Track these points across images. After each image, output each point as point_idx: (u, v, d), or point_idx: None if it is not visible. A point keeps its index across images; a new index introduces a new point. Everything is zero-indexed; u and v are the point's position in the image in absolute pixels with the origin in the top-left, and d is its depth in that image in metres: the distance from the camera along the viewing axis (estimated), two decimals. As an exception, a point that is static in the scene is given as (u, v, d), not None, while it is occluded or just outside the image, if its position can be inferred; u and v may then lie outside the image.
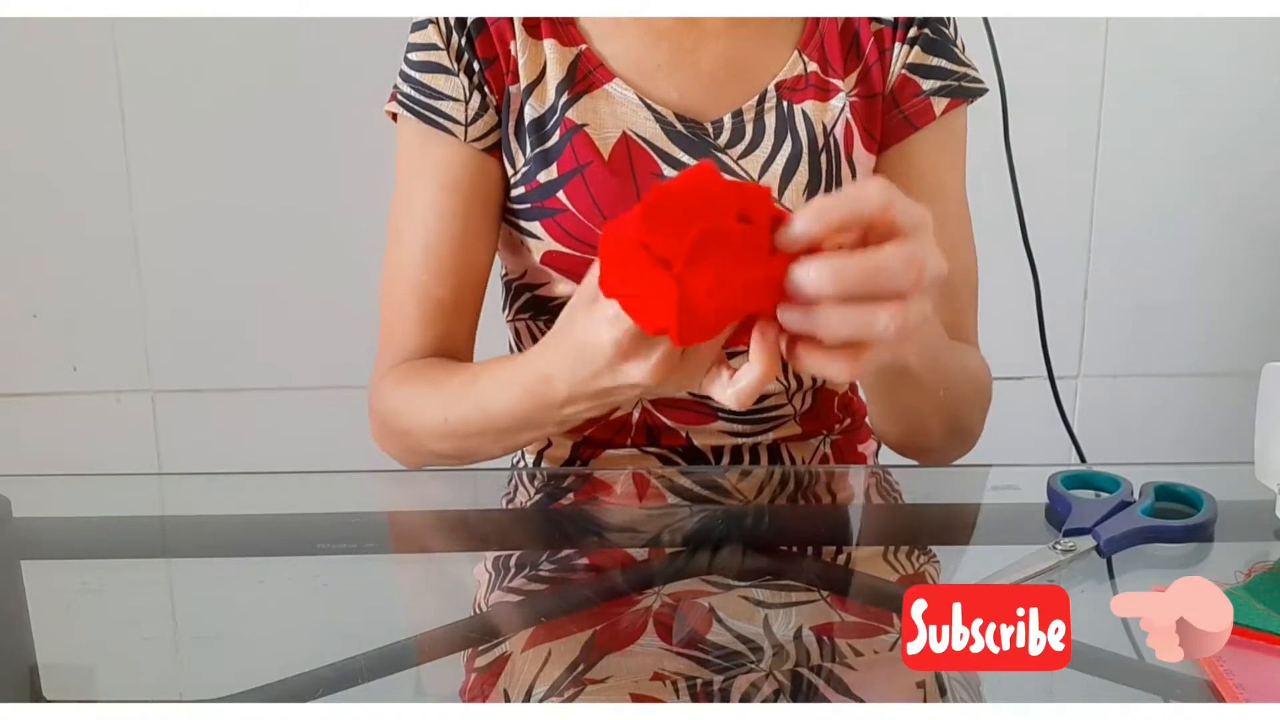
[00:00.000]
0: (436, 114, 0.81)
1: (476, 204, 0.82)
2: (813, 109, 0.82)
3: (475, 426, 0.74)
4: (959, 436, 0.82)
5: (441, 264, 0.82)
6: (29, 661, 0.59)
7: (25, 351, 1.48)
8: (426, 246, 0.82)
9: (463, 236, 0.82)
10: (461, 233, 0.82)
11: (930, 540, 0.72)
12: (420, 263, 0.82)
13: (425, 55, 0.81)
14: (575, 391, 0.63)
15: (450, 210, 0.81)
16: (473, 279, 0.84)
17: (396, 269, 0.83)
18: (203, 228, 1.45)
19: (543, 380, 0.65)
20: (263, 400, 1.50)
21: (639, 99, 0.80)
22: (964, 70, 0.84)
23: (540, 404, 0.67)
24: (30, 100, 1.40)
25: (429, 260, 0.82)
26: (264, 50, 1.40)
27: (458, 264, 0.82)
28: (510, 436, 0.74)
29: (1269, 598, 0.58)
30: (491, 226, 0.84)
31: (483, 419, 0.73)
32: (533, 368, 0.67)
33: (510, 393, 0.70)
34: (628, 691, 0.52)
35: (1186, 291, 1.55)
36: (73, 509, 0.78)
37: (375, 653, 0.57)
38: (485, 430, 0.74)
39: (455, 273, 0.82)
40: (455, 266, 0.82)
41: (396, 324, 0.83)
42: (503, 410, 0.71)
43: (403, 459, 0.83)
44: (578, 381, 0.62)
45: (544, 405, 0.67)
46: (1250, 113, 1.49)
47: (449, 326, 0.83)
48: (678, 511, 0.74)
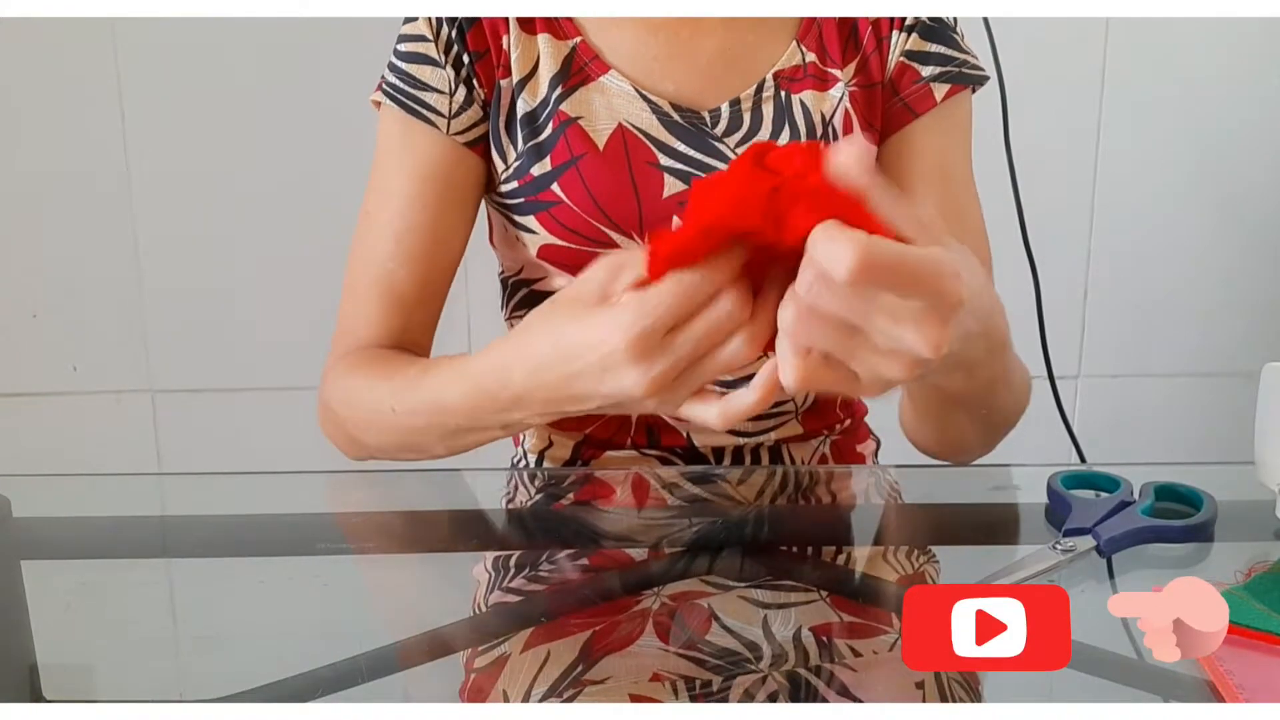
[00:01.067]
0: (419, 104, 0.80)
1: (452, 197, 0.82)
2: (811, 99, 0.82)
3: (420, 420, 0.72)
4: (992, 442, 0.81)
5: (410, 254, 0.81)
6: (29, 661, 0.59)
7: (25, 351, 1.48)
8: (397, 235, 0.81)
9: (435, 228, 0.81)
10: (434, 224, 0.81)
11: (930, 540, 0.72)
12: (389, 252, 0.81)
13: (413, 46, 0.81)
14: (533, 391, 0.61)
15: (424, 201, 0.81)
16: (439, 273, 0.83)
17: (363, 256, 0.83)
18: (203, 228, 1.45)
19: (499, 375, 0.63)
20: (263, 400, 1.50)
21: (635, 90, 0.80)
22: (964, 57, 0.84)
23: (488, 400, 0.65)
24: (30, 100, 1.40)
25: (398, 249, 0.81)
26: (264, 50, 1.40)
27: (427, 255, 0.81)
28: (457, 436, 0.71)
29: (1269, 598, 0.58)
30: (464, 221, 0.83)
31: (428, 412, 0.71)
32: (490, 362, 0.65)
33: (460, 386, 0.68)
34: (627, 692, 0.52)
35: (1186, 291, 1.55)
36: (73, 509, 0.78)
37: (375, 653, 0.57)
38: (430, 425, 0.72)
39: (423, 264, 0.81)
40: (424, 257, 0.81)
41: (356, 311, 0.82)
42: (450, 404, 0.69)
43: (345, 449, 0.82)
44: (544, 381, 0.60)
45: (492, 402, 0.65)
46: (1250, 113, 1.49)
47: (409, 318, 0.82)
48: (677, 512, 0.74)
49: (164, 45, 1.39)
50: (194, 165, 1.43)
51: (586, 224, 0.79)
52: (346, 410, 0.79)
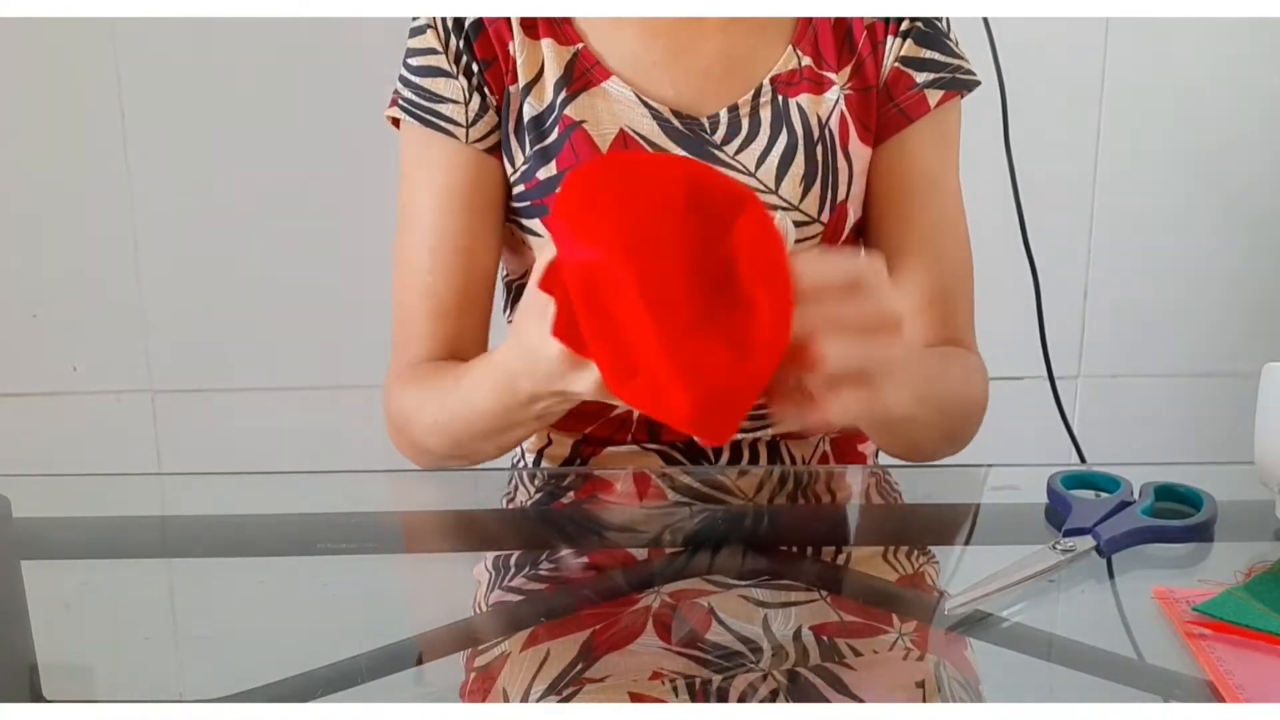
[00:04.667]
0: (438, 117, 0.81)
1: (479, 204, 0.83)
2: (807, 102, 0.82)
3: (461, 425, 0.75)
4: (954, 444, 0.83)
5: (446, 264, 0.82)
6: (29, 661, 0.59)
7: (25, 351, 1.48)
8: (432, 248, 0.82)
9: (467, 236, 0.82)
10: (465, 232, 0.82)
11: (930, 540, 0.72)
12: (426, 264, 0.82)
13: (425, 60, 0.81)
14: (538, 390, 0.63)
15: (453, 210, 0.82)
16: (479, 278, 0.84)
17: (404, 272, 0.84)
18: (203, 228, 1.45)
19: (509, 378, 0.66)
20: (263, 400, 1.50)
21: (636, 96, 0.81)
22: (957, 63, 0.84)
23: (511, 402, 0.67)
24: (30, 100, 1.40)
25: (434, 261, 0.82)
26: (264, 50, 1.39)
27: (463, 264, 0.82)
28: (496, 436, 0.74)
29: (1269, 598, 0.58)
30: (495, 226, 0.84)
31: (466, 418, 0.74)
32: (499, 366, 0.68)
33: (482, 390, 0.71)
34: (626, 691, 0.52)
35: (1186, 291, 1.55)
36: (73, 509, 0.78)
37: (375, 653, 0.57)
38: (471, 430, 0.74)
39: (461, 273, 0.83)
40: (461, 266, 0.82)
41: (407, 326, 0.84)
42: (481, 409, 0.72)
43: (414, 459, 0.84)
44: (538, 380, 0.62)
45: (514, 403, 0.67)
46: (1250, 113, 1.49)
47: (458, 326, 0.83)
48: (677, 511, 0.74)
49: (164, 45, 1.39)
50: (194, 165, 1.43)
51: None
52: (404, 423, 0.82)
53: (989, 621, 0.58)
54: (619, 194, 0.52)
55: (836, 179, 0.82)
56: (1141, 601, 0.60)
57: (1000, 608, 0.59)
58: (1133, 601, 0.62)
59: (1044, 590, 0.61)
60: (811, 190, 0.81)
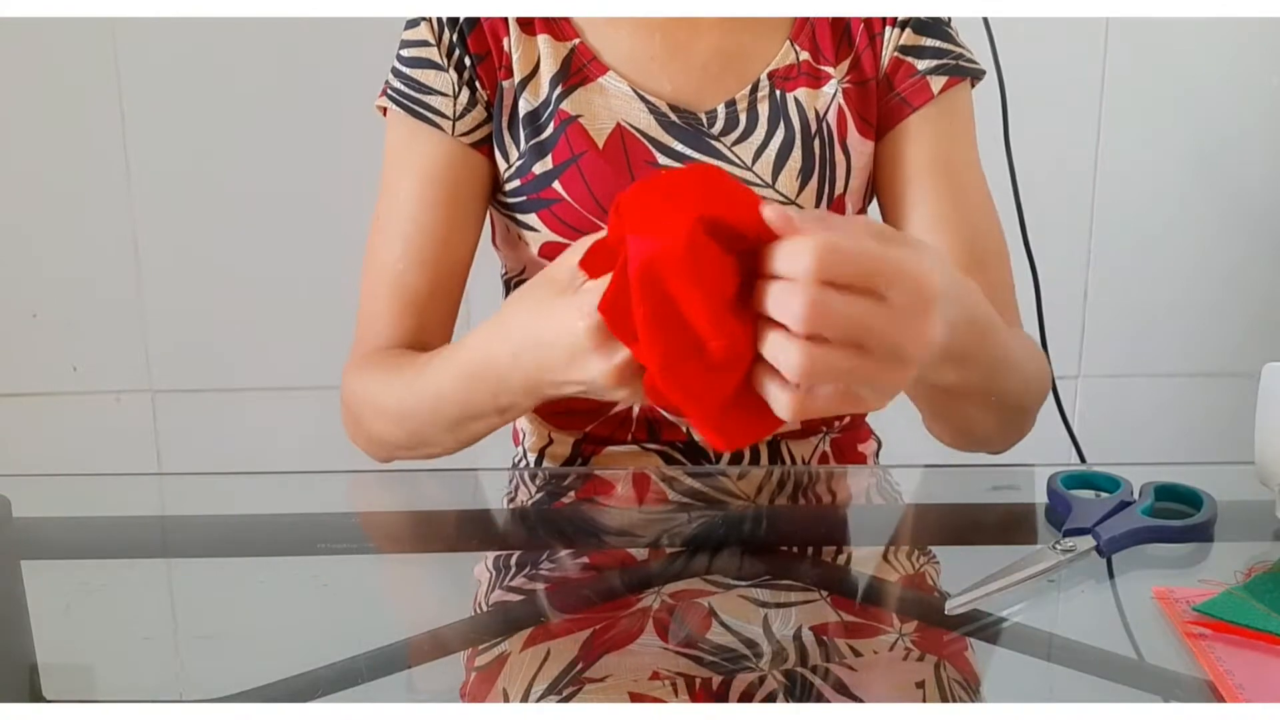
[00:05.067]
0: (424, 108, 0.81)
1: (460, 197, 0.82)
2: (805, 96, 0.82)
3: (424, 412, 0.74)
4: (1015, 428, 0.79)
5: (420, 255, 0.82)
6: (29, 661, 0.59)
7: (25, 351, 1.48)
8: (406, 236, 0.82)
9: (444, 228, 0.82)
10: (442, 224, 0.82)
11: (930, 540, 0.72)
12: (399, 253, 0.82)
13: (417, 51, 0.81)
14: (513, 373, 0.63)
15: (432, 201, 0.81)
16: (451, 271, 0.83)
17: (376, 259, 0.83)
18: (203, 228, 1.45)
19: (484, 358, 0.66)
20: (263, 400, 1.50)
21: (633, 91, 0.81)
22: (959, 50, 0.84)
23: (478, 384, 0.67)
24: (30, 100, 1.40)
25: (408, 250, 0.82)
26: (264, 50, 1.40)
27: (437, 255, 0.82)
28: (459, 425, 0.73)
29: (1269, 598, 0.58)
30: (474, 220, 0.84)
31: (430, 403, 0.73)
32: (477, 345, 0.67)
33: (452, 372, 0.70)
34: (626, 691, 0.52)
35: (1186, 291, 1.55)
36: (73, 509, 0.78)
37: (375, 653, 0.57)
38: (433, 416, 0.74)
39: (434, 264, 0.82)
40: (434, 258, 0.82)
41: (372, 313, 0.83)
42: (446, 393, 0.71)
43: (368, 449, 0.83)
44: (522, 364, 0.62)
45: (482, 385, 0.67)
46: (1250, 113, 1.49)
47: (424, 318, 0.83)
48: (677, 512, 0.74)
49: (164, 45, 1.39)
50: (194, 165, 1.43)
51: (587, 221, 0.79)
52: (361, 409, 0.81)
53: (989, 621, 0.58)
54: (700, 198, 0.52)
55: (834, 173, 0.82)
56: (1141, 601, 0.60)
57: (1000, 608, 0.59)
58: (1133, 601, 0.61)
59: (1044, 590, 0.61)
60: (809, 184, 0.81)
